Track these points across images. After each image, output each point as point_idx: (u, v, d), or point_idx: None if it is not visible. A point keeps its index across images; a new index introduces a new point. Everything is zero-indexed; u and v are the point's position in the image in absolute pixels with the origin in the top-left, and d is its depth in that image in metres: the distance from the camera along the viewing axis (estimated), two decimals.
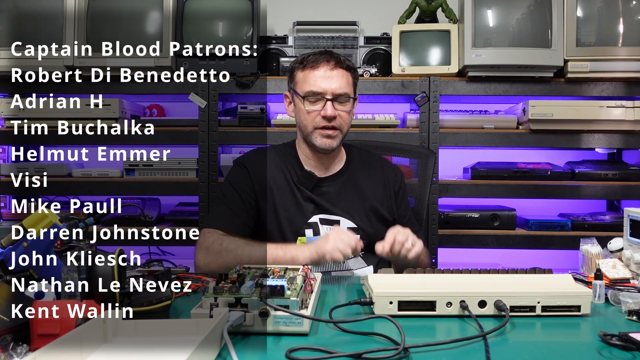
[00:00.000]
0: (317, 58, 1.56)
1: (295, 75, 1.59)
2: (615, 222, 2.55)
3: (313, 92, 1.54)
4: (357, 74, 1.63)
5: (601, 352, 0.89)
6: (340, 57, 1.57)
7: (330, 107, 1.52)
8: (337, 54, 1.59)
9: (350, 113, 1.58)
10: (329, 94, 1.53)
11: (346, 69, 1.57)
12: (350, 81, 1.58)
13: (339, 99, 1.54)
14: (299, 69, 1.58)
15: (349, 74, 1.58)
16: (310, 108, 1.55)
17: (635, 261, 1.31)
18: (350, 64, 1.60)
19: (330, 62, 1.55)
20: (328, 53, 1.58)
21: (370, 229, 1.60)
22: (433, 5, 2.69)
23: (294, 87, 1.60)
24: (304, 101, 1.55)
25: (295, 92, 1.59)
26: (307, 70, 1.55)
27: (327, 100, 1.53)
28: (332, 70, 1.54)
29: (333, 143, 1.56)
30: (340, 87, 1.54)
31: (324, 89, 1.53)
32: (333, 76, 1.54)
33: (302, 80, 1.56)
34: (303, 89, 1.55)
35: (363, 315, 1.04)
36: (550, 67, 2.53)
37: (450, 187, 2.58)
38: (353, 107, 1.62)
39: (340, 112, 1.54)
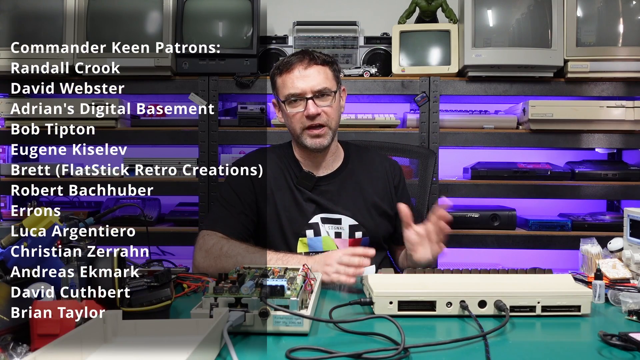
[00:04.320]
0: (291, 60, 1.55)
1: (275, 82, 1.59)
2: (615, 222, 2.55)
3: (292, 94, 1.53)
4: (335, 65, 1.60)
5: (601, 352, 0.89)
6: (314, 54, 1.55)
7: (312, 106, 1.51)
8: (311, 51, 1.57)
9: (334, 107, 1.56)
10: (308, 93, 1.52)
11: (322, 64, 1.55)
12: (330, 75, 1.56)
13: (319, 95, 1.53)
14: (277, 75, 1.57)
15: (327, 67, 1.56)
16: (293, 110, 1.54)
17: (635, 261, 1.31)
18: (327, 58, 1.57)
19: (303, 61, 1.54)
20: (302, 52, 1.57)
21: (372, 225, 1.60)
22: (433, 5, 2.69)
23: (276, 93, 1.60)
24: (286, 105, 1.55)
25: (278, 98, 1.59)
26: (284, 75, 1.55)
27: (307, 99, 1.52)
28: (306, 69, 1.53)
29: (323, 141, 1.55)
30: (318, 84, 1.52)
31: (302, 89, 1.52)
32: (309, 74, 1.52)
33: (282, 85, 1.56)
34: (283, 93, 1.55)
35: (363, 315, 1.04)
36: (550, 67, 2.53)
37: (450, 187, 2.58)
38: (339, 100, 1.60)
39: (323, 108, 1.53)
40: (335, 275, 1.26)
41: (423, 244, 1.39)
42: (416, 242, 1.39)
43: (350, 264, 1.26)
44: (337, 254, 1.30)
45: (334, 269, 1.27)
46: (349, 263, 1.26)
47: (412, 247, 1.40)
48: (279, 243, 1.56)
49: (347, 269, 1.26)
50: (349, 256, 1.27)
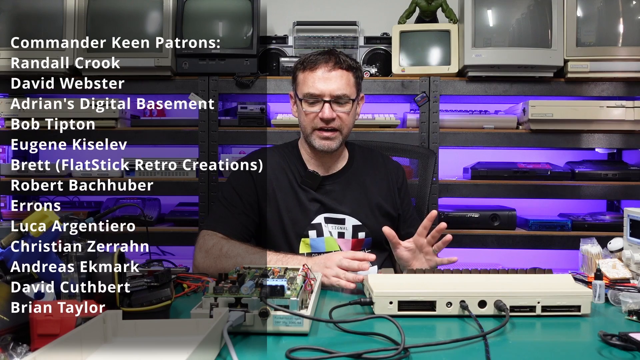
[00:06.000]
0: (316, 59, 1.54)
1: (297, 77, 1.58)
2: (615, 222, 2.55)
3: (310, 94, 1.52)
4: (359, 72, 1.59)
5: (601, 352, 0.89)
6: (340, 57, 1.54)
7: (327, 109, 1.51)
8: (338, 53, 1.56)
9: (350, 114, 1.55)
10: (326, 96, 1.51)
11: (347, 69, 1.54)
12: (352, 81, 1.55)
13: (337, 100, 1.52)
14: (299, 69, 1.57)
15: (350, 73, 1.55)
16: (309, 110, 1.54)
17: (635, 261, 1.31)
18: (352, 64, 1.56)
19: (329, 62, 1.53)
20: (328, 53, 1.56)
21: (376, 226, 1.59)
22: (433, 5, 2.69)
23: (295, 88, 1.59)
24: (303, 103, 1.55)
25: (296, 94, 1.58)
26: (307, 72, 1.54)
27: (324, 102, 1.51)
28: (330, 72, 1.52)
29: (332, 144, 1.55)
30: (339, 89, 1.51)
31: (322, 91, 1.51)
32: (331, 77, 1.52)
33: (302, 82, 1.55)
34: (302, 90, 1.54)
35: (363, 315, 1.04)
36: (550, 67, 2.53)
37: (451, 187, 2.58)
38: (356, 107, 1.59)
39: (339, 113, 1.53)
40: (334, 279, 1.26)
41: (416, 257, 1.41)
42: (409, 257, 1.40)
43: (349, 268, 1.27)
44: (337, 257, 1.30)
45: (334, 272, 1.27)
46: (349, 267, 1.27)
47: (406, 264, 1.41)
48: (281, 243, 1.55)
49: (347, 273, 1.26)
50: (349, 260, 1.28)
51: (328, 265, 1.29)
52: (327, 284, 1.27)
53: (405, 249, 1.39)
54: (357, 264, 1.27)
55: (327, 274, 1.27)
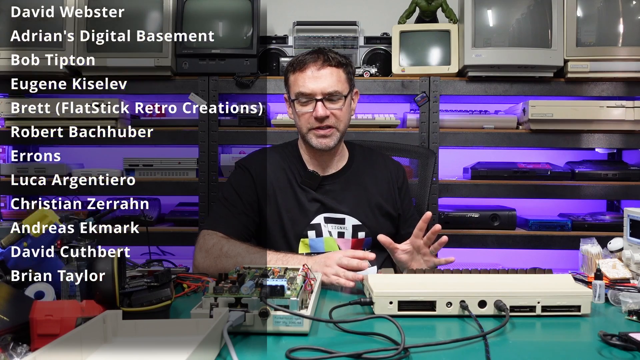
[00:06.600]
0: (305, 59, 1.54)
1: (288, 79, 1.58)
2: (615, 222, 2.55)
3: (302, 93, 1.52)
4: (350, 68, 1.59)
5: (601, 352, 0.89)
6: (329, 55, 1.54)
7: (320, 108, 1.51)
8: (327, 51, 1.56)
9: (344, 110, 1.55)
10: (318, 94, 1.51)
11: (336, 65, 1.53)
12: (343, 77, 1.55)
13: (330, 98, 1.52)
14: (290, 71, 1.57)
15: (340, 70, 1.54)
16: (302, 110, 1.53)
17: (635, 261, 1.31)
18: (342, 60, 1.56)
19: (317, 61, 1.52)
20: (316, 52, 1.55)
21: (376, 226, 1.59)
22: (433, 5, 2.69)
23: (288, 90, 1.60)
24: (296, 104, 1.55)
25: (289, 95, 1.59)
26: (297, 73, 1.54)
27: (317, 100, 1.51)
28: (319, 70, 1.52)
29: (329, 142, 1.54)
30: (330, 86, 1.51)
31: (312, 90, 1.51)
32: (321, 76, 1.51)
33: (293, 83, 1.55)
34: (294, 91, 1.54)
35: (363, 315, 1.04)
36: (550, 67, 2.53)
37: (450, 187, 2.58)
38: (350, 102, 1.59)
39: (333, 110, 1.52)
40: (334, 277, 1.27)
41: (414, 258, 1.41)
42: (407, 259, 1.40)
43: (349, 266, 1.27)
44: (337, 256, 1.30)
45: (333, 271, 1.27)
46: (348, 265, 1.27)
47: (405, 266, 1.41)
48: (280, 243, 1.55)
49: (347, 272, 1.26)
50: (349, 258, 1.28)
51: (328, 263, 1.29)
52: (326, 282, 1.28)
53: (402, 251, 1.39)
54: (357, 262, 1.27)
55: (327, 272, 1.28)
